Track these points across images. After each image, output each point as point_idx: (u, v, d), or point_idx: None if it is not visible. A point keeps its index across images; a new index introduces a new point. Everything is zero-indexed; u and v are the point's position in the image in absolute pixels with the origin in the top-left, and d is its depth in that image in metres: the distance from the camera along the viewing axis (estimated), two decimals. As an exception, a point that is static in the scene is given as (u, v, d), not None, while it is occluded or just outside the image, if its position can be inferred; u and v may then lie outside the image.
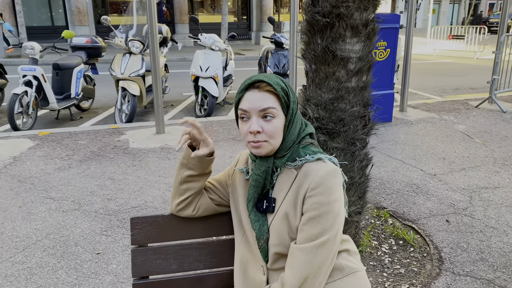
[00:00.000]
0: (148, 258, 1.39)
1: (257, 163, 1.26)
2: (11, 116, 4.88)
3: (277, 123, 1.21)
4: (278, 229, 1.22)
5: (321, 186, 1.18)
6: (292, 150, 1.26)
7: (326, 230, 1.16)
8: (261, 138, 1.20)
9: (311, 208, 1.17)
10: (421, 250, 2.75)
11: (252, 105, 1.19)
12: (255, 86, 1.20)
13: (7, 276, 2.34)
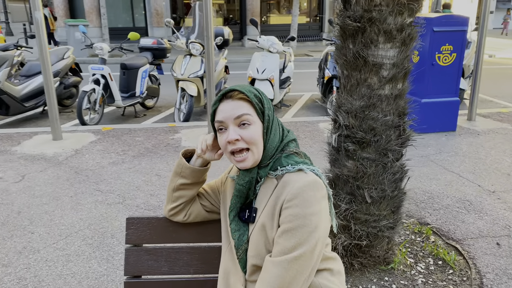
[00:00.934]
0: (140, 258, 1.44)
1: (241, 173, 1.24)
2: (79, 112, 5.29)
3: (254, 129, 1.18)
4: (256, 240, 1.20)
5: (298, 198, 1.13)
6: (274, 159, 1.23)
7: (301, 244, 1.11)
8: (241, 145, 1.18)
9: (286, 220, 1.13)
10: (461, 273, 2.53)
11: (226, 114, 1.18)
12: (227, 96, 1.19)
13: (47, 261, 2.54)
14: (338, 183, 2.46)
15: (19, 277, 2.39)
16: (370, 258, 2.53)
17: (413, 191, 3.56)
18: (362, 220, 2.42)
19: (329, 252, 1.29)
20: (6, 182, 3.61)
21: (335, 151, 2.44)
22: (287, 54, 6.69)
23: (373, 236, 2.45)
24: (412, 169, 4.02)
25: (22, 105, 5.69)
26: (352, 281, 2.45)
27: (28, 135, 4.89)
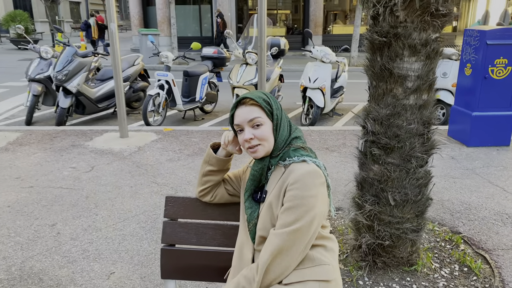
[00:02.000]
0: (175, 230, 1.75)
1: (256, 161, 1.52)
2: (144, 113, 5.84)
3: (265, 128, 1.45)
4: (264, 216, 1.46)
5: (299, 182, 1.38)
6: (284, 151, 1.49)
7: (298, 220, 1.35)
8: (255, 142, 1.46)
9: (288, 200, 1.38)
10: (485, 280, 2.59)
11: (241, 119, 1.45)
12: (241, 103, 1.47)
13: (107, 238, 2.96)
14: (364, 185, 2.64)
15: (83, 249, 2.82)
16: (394, 258, 2.67)
17: (451, 202, 3.61)
18: (386, 221, 2.58)
19: (327, 233, 1.52)
20: (78, 171, 4.15)
21: (363, 155, 2.63)
22: (341, 64, 6.86)
23: (396, 237, 2.60)
24: (454, 181, 4.04)
25: (96, 106, 6.37)
26: (375, 278, 2.61)
27: (100, 132, 5.50)
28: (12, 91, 8.97)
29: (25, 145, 4.92)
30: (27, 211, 3.32)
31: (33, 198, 3.55)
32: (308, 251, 1.42)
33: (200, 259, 1.73)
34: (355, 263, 2.74)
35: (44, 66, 6.30)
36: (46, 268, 2.62)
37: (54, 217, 3.24)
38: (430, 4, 2.21)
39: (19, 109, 7.29)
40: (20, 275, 2.54)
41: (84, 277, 2.53)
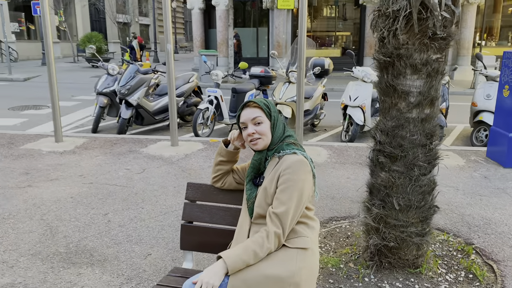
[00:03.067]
0: (193, 210, 2.16)
1: (256, 153, 1.90)
2: (194, 125, 6.40)
3: (264, 125, 1.83)
4: (260, 196, 1.82)
5: (290, 168, 1.74)
6: (278, 145, 1.85)
7: (291, 198, 1.71)
8: (256, 136, 1.84)
9: (282, 182, 1.74)
10: (487, 287, 2.74)
11: (246, 118, 1.84)
12: (247, 106, 1.85)
13: (148, 227, 3.44)
14: (373, 191, 2.91)
15: (128, 234, 3.31)
16: (399, 260, 2.89)
17: (471, 216, 3.72)
18: (392, 224, 2.82)
19: (311, 214, 1.85)
20: (131, 172, 4.73)
21: (372, 164, 2.91)
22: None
23: (401, 240, 2.82)
24: (480, 198, 4.12)
25: (153, 118, 7.05)
26: (380, 276, 2.84)
27: (154, 141, 6.12)
28: (83, 103, 10.03)
29: (90, 149, 5.63)
30: (86, 202, 3.90)
31: (91, 192, 4.14)
32: (294, 223, 1.76)
33: (212, 235, 2.12)
34: (364, 263, 2.98)
35: (110, 81, 7.11)
36: (96, 247, 3.13)
37: (107, 208, 3.78)
38: (428, 28, 2.50)
39: (88, 119, 8.19)
40: (75, 250, 3.07)
41: (126, 256, 3.01)
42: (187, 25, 47.38)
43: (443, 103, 6.30)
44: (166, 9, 5.48)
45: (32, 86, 13.48)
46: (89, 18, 29.13)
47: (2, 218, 3.56)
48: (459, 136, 7.30)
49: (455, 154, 5.62)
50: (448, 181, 4.59)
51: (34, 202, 3.89)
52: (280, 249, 1.72)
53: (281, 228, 1.71)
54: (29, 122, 7.95)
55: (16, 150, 5.52)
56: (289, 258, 1.69)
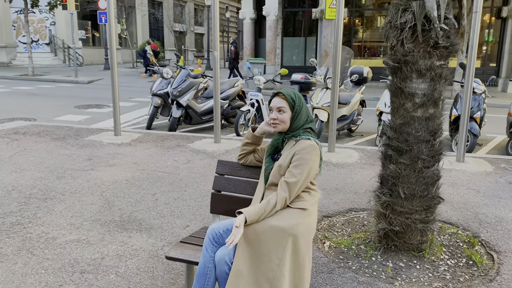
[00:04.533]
0: (221, 182, 2.67)
1: (276, 134, 2.38)
2: (236, 126, 6.97)
3: (285, 115, 2.30)
4: (275, 169, 2.29)
5: (304, 150, 2.21)
6: (296, 132, 2.31)
7: (301, 172, 2.17)
8: (277, 122, 2.31)
9: (296, 160, 2.21)
10: (483, 271, 3.02)
11: (273, 104, 2.32)
12: (277, 95, 2.32)
13: (189, 206, 3.99)
14: (383, 181, 3.29)
15: (171, 210, 3.89)
16: (404, 243, 3.24)
17: (485, 215, 3.96)
18: (398, 211, 3.18)
19: (314, 187, 2.30)
20: (178, 162, 5.34)
21: (383, 157, 3.29)
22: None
23: (406, 225, 3.18)
24: (499, 200, 4.33)
25: (200, 118, 7.71)
26: (386, 257, 3.20)
27: (199, 138, 6.74)
28: (139, 104, 10.94)
29: (143, 142, 6.34)
30: (138, 184, 4.54)
31: (143, 177, 4.78)
32: (301, 191, 2.22)
33: (235, 202, 2.61)
34: (373, 245, 3.35)
35: (164, 84, 7.85)
36: (144, 218, 3.72)
37: (155, 190, 4.40)
38: (431, 38, 2.87)
39: (143, 118, 9.02)
40: (127, 219, 3.68)
41: (168, 226, 3.57)
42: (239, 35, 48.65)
43: (478, 112, 6.44)
44: (215, 19, 6.10)
45: (95, 88, 14.73)
46: (148, 27, 30.89)
47: (70, 193, 4.26)
48: (496, 146, 7.35)
49: (485, 161, 5.77)
50: (471, 184, 4.81)
51: (95, 182, 4.58)
52: (285, 209, 2.19)
53: (289, 194, 2.17)
54: (92, 119, 8.88)
55: (81, 141, 6.34)
56: (290, 215, 2.14)
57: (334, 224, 3.78)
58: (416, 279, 2.91)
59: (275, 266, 2.01)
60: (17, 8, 22.34)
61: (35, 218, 3.66)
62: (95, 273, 2.83)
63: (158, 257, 3.06)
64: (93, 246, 3.20)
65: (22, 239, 3.28)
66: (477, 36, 5.34)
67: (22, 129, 6.99)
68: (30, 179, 4.60)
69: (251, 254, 2.03)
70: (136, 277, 2.80)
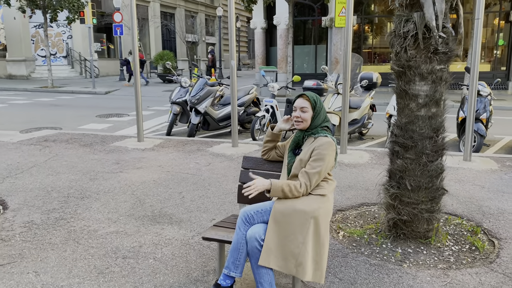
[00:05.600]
0: (246, 175, 3.03)
1: (297, 132, 2.73)
2: (252, 130, 7.34)
3: (307, 114, 2.65)
4: (296, 162, 2.64)
5: (322, 146, 2.55)
6: (315, 130, 2.67)
7: (319, 165, 2.51)
8: (300, 120, 2.66)
9: (314, 155, 2.55)
10: (484, 255, 3.32)
11: (297, 104, 2.67)
12: (301, 96, 2.68)
13: (213, 202, 4.35)
14: (391, 175, 3.61)
15: (197, 206, 4.25)
16: (412, 232, 3.55)
17: (488, 207, 4.25)
18: (405, 202, 3.50)
19: (331, 177, 2.64)
20: (199, 165, 5.72)
21: (391, 153, 3.62)
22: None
23: (413, 215, 3.49)
24: (502, 194, 4.61)
25: (218, 124, 8.10)
26: (395, 244, 3.51)
27: (217, 142, 7.12)
28: (157, 113, 11.40)
29: (165, 147, 6.74)
30: (165, 184, 4.93)
31: (169, 178, 5.16)
32: (320, 181, 2.56)
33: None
34: (384, 234, 3.67)
35: (183, 93, 8.27)
36: (174, 213, 4.09)
37: (181, 188, 4.77)
38: (431, 45, 3.21)
39: (163, 125, 9.45)
40: (159, 214, 4.06)
41: (196, 219, 3.94)
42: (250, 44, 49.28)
43: (484, 114, 6.71)
44: (231, 29, 6.50)
45: (112, 98, 15.27)
46: (161, 38, 31.60)
47: (103, 192, 4.66)
48: (504, 146, 7.60)
49: (492, 160, 6.04)
50: (476, 180, 5.10)
51: (125, 182, 4.98)
52: (307, 195, 2.53)
53: (309, 182, 2.51)
54: (113, 127, 9.34)
55: (107, 147, 6.77)
56: (312, 200, 2.49)
57: (347, 217, 4.10)
58: (423, 262, 3.22)
59: (300, 243, 2.36)
60: (36, 23, 23.17)
61: (75, 214, 4.06)
62: (136, 258, 3.20)
63: (189, 245, 3.42)
64: (130, 236, 3.58)
65: (67, 231, 3.67)
66: (479, 41, 5.64)
67: (51, 137, 7.45)
68: (66, 181, 5.01)
69: (279, 234, 2.38)
70: (172, 261, 3.16)
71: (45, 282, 2.86)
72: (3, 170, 5.41)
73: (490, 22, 18.69)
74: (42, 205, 4.27)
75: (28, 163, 5.77)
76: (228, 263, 2.43)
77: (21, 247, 3.36)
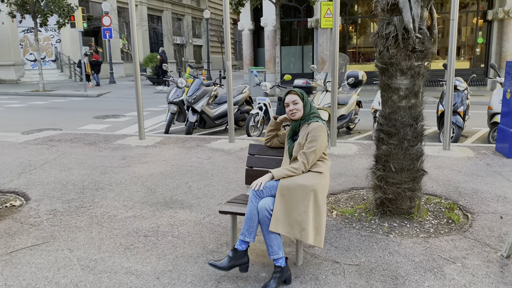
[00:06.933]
0: (252, 160, 3.48)
1: (293, 122, 3.19)
2: (247, 127, 7.79)
3: (299, 105, 3.12)
4: (295, 146, 3.10)
5: (315, 129, 3.02)
6: (307, 117, 3.13)
7: (313, 146, 2.97)
8: (294, 111, 3.12)
9: (310, 137, 3.02)
10: (459, 226, 3.83)
11: (289, 100, 3.14)
12: (290, 93, 3.15)
13: (218, 190, 4.79)
14: (377, 159, 4.10)
15: (204, 193, 4.68)
16: (397, 209, 4.03)
17: (464, 188, 4.77)
18: (390, 182, 3.99)
19: (326, 157, 3.11)
20: (201, 159, 6.15)
21: (376, 140, 4.10)
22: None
23: (397, 194, 3.98)
24: (477, 177, 5.14)
25: (213, 122, 8.53)
26: (382, 220, 4.00)
27: (215, 139, 7.56)
28: (152, 113, 11.77)
29: (167, 144, 7.16)
30: (171, 176, 5.35)
31: (174, 170, 5.59)
32: (316, 160, 3.03)
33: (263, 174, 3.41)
34: (372, 212, 4.15)
35: (180, 93, 8.68)
36: (183, 199, 4.52)
37: (187, 179, 5.20)
38: (409, 44, 3.71)
39: (159, 124, 9.85)
40: (170, 201, 4.48)
41: (205, 204, 4.37)
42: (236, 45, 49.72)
43: (461, 107, 7.27)
44: (227, 31, 6.94)
45: (105, 101, 15.57)
46: (148, 41, 31.84)
47: (116, 184, 5.06)
48: (480, 137, 8.19)
49: (469, 149, 6.59)
50: (454, 166, 5.63)
51: (134, 175, 5.39)
52: (307, 173, 2.99)
53: (306, 160, 2.98)
54: (112, 127, 9.70)
55: (111, 145, 7.15)
56: (311, 176, 2.95)
57: (339, 199, 4.58)
58: (406, 233, 3.71)
59: (302, 212, 2.82)
60: (24, 27, 23.28)
61: (93, 202, 4.46)
62: (156, 236, 3.63)
63: (202, 224, 3.86)
64: (147, 219, 4.00)
65: (90, 216, 4.08)
66: (455, 39, 6.19)
67: (55, 137, 7.80)
68: (79, 175, 5.40)
69: (285, 205, 2.83)
70: (188, 237, 3.60)
71: (80, 257, 3.27)
72: (17, 167, 5.76)
73: (469, 21, 19.48)
74: (61, 196, 4.65)
75: (39, 160, 6.13)
76: (243, 230, 2.87)
77: (51, 230, 3.76)
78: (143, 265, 3.14)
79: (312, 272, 3.03)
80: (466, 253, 3.27)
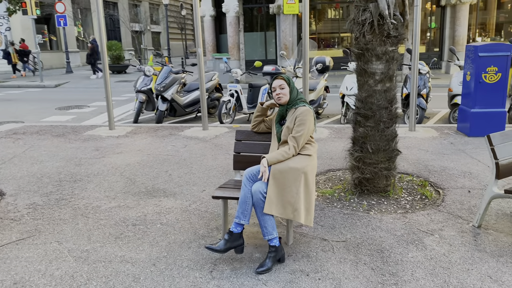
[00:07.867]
0: (240, 145, 3.56)
1: (280, 107, 3.28)
2: (219, 114, 7.82)
3: (285, 90, 3.20)
4: (284, 130, 3.19)
5: (302, 113, 3.11)
6: (294, 102, 3.23)
7: (302, 129, 3.07)
8: (281, 95, 3.21)
9: (297, 121, 3.11)
10: (432, 201, 4.09)
11: (276, 84, 3.22)
12: (277, 78, 3.23)
13: (200, 177, 4.84)
14: (355, 141, 4.28)
15: (186, 181, 4.72)
16: (374, 187, 4.25)
17: (433, 166, 5.07)
18: (368, 163, 4.18)
19: (313, 140, 3.23)
20: (176, 147, 6.15)
21: (353, 123, 4.28)
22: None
23: (374, 173, 4.18)
24: (443, 155, 5.46)
25: (184, 110, 8.49)
26: (361, 199, 4.20)
27: (187, 127, 7.54)
28: (117, 103, 11.51)
29: (138, 133, 7.07)
30: (149, 165, 5.33)
31: (151, 160, 5.56)
32: (304, 143, 3.14)
33: (251, 160, 3.50)
34: (351, 191, 4.35)
35: (147, 81, 8.55)
36: (165, 188, 4.54)
37: (166, 168, 5.20)
38: (384, 30, 3.87)
39: (127, 114, 9.67)
40: (152, 190, 4.49)
41: (188, 191, 4.41)
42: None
43: (424, 90, 7.62)
44: (197, 18, 6.89)
45: (64, 91, 15.03)
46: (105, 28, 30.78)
47: (93, 175, 4.99)
48: (441, 118, 8.63)
49: (432, 129, 6.95)
50: (421, 146, 5.94)
51: (111, 166, 5.32)
52: (297, 156, 3.10)
53: (297, 144, 3.08)
54: (77, 118, 9.43)
55: (81, 136, 6.98)
56: (301, 159, 3.07)
57: (318, 181, 4.74)
58: (385, 210, 3.93)
59: (295, 194, 2.93)
60: (-30, 15, 21.88)
61: (73, 194, 4.39)
62: (144, 225, 3.65)
63: (189, 211, 3.91)
64: (133, 209, 4.00)
65: (73, 208, 4.02)
66: (419, 25, 6.47)
67: (20, 130, 7.51)
68: (53, 168, 5.27)
69: (278, 187, 2.94)
70: (177, 224, 3.65)
71: (70, 248, 3.25)
72: (-16, 162, 5.55)
73: (423, 7, 20.17)
74: (37, 189, 4.54)
75: (6, 154, 5.91)
76: (238, 213, 2.95)
77: (34, 224, 3.69)
78: (136, 252, 3.17)
79: (303, 250, 3.17)
80: (442, 226, 3.52)
